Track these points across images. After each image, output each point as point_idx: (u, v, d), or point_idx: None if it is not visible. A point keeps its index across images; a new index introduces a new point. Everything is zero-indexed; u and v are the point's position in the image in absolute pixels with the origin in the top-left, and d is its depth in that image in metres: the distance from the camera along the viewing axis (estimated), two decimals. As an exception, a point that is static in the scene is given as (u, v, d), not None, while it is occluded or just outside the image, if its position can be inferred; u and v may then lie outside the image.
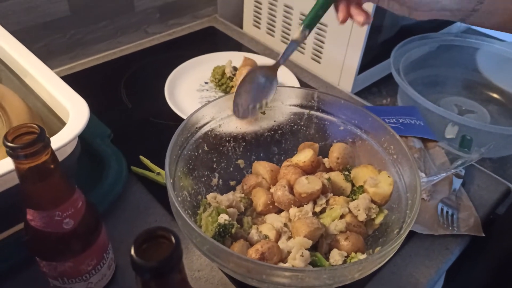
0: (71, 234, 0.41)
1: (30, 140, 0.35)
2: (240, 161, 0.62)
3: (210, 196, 0.54)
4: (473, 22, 0.48)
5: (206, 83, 0.82)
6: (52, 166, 0.37)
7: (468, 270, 0.71)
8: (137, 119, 0.75)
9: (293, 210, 0.50)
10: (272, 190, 0.53)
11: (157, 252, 0.28)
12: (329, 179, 0.53)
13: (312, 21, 0.49)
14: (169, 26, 1.01)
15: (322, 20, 0.83)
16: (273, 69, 0.53)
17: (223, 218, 0.47)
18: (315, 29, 0.87)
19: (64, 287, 0.44)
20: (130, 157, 0.64)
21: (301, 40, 0.49)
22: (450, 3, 0.45)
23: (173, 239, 0.28)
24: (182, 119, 0.56)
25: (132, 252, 0.28)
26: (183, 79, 0.81)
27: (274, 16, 0.95)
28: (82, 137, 0.64)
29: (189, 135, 0.55)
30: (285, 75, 0.84)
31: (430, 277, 0.54)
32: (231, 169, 0.61)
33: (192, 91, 0.80)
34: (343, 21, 0.48)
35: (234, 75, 0.76)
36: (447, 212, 0.59)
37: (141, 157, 0.65)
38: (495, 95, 0.91)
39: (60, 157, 0.50)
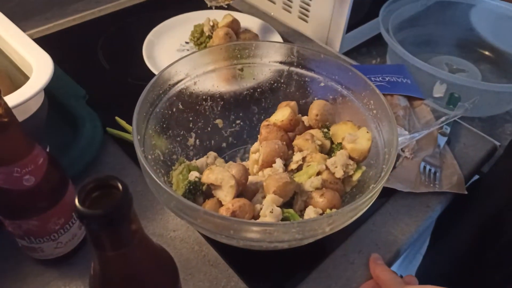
0: (33, 191, 0.39)
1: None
2: (218, 121, 0.60)
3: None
4: None
5: (187, 42, 0.79)
6: (5, 119, 0.36)
7: (453, 230, 0.70)
8: (114, 81, 0.72)
9: (267, 169, 0.48)
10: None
11: (107, 202, 0.27)
12: (321, 144, 0.52)
13: None
14: (150, -15, 0.96)
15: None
16: None
17: (194, 175, 0.46)
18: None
19: (32, 247, 0.44)
20: (106, 119, 0.62)
21: None
22: None
23: (121, 187, 0.27)
24: (162, 80, 0.53)
25: (76, 202, 0.26)
26: (163, 39, 0.78)
27: (259, -27, 0.91)
28: (55, 98, 0.62)
29: (161, 92, 0.53)
30: (270, 35, 0.80)
31: (409, 234, 0.53)
32: (209, 129, 0.59)
33: (172, 51, 0.77)
34: None
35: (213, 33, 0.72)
36: (429, 170, 0.57)
37: (116, 118, 0.63)
38: (488, 53, 0.88)
39: (25, 114, 0.48)
